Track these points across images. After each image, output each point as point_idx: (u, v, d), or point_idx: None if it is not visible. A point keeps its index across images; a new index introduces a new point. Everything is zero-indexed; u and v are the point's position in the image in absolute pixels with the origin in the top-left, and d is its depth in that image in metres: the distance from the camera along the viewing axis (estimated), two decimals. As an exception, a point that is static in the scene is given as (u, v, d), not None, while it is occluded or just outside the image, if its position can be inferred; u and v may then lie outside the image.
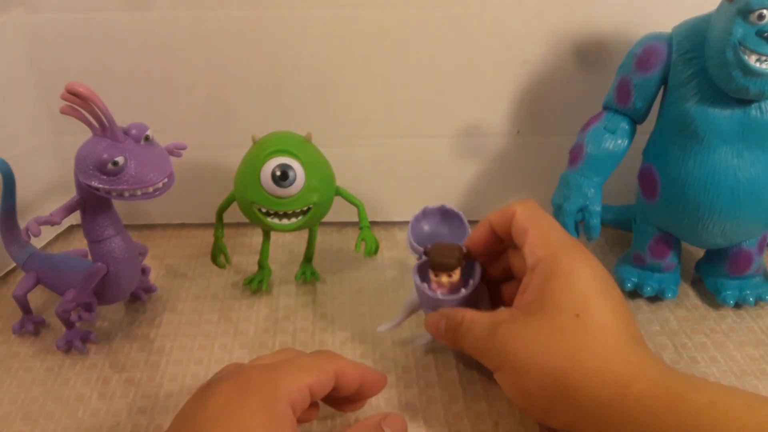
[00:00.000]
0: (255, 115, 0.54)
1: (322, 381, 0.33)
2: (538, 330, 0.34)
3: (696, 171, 0.44)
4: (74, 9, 0.49)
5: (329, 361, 0.34)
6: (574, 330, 0.33)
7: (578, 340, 0.33)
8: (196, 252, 0.56)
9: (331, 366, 0.34)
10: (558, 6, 0.51)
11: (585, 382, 0.32)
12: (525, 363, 0.34)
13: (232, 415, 0.29)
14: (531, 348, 0.34)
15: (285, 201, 0.44)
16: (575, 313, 0.34)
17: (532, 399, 0.34)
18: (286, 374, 0.32)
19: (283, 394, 0.31)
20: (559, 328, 0.34)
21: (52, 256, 0.47)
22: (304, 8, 0.50)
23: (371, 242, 0.49)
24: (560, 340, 0.33)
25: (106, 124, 0.37)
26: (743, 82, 0.40)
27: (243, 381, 0.31)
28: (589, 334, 0.33)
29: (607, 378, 0.32)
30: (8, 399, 0.41)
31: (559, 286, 0.35)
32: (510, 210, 0.39)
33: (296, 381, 0.32)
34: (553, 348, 0.33)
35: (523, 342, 0.34)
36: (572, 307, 0.34)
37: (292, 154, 0.44)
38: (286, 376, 0.32)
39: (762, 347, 0.46)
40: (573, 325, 0.33)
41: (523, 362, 0.34)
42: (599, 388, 0.32)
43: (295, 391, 0.31)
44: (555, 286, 0.35)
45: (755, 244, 0.48)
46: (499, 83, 0.54)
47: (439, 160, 0.57)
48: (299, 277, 0.51)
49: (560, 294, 0.34)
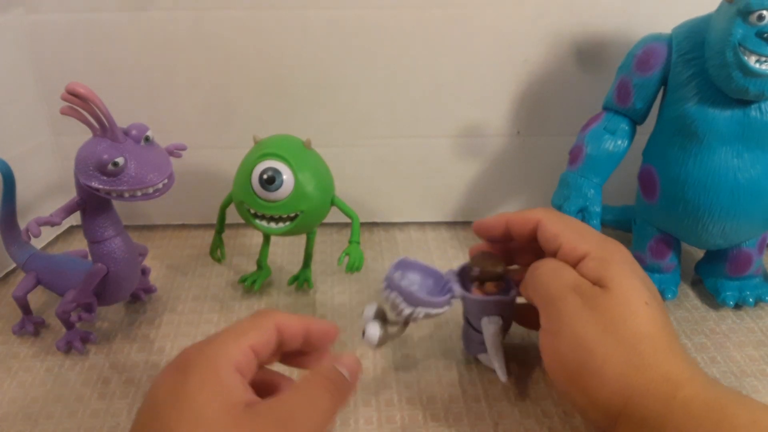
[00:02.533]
0: (255, 115, 0.54)
1: (264, 339, 0.32)
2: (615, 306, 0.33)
3: (696, 171, 0.44)
4: (74, 9, 0.49)
5: (266, 318, 0.33)
6: (644, 318, 0.33)
7: (647, 331, 0.33)
8: (196, 252, 0.56)
9: (269, 322, 0.33)
10: (558, 6, 0.51)
11: (643, 374, 0.32)
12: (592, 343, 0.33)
13: (179, 395, 0.29)
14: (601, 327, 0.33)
15: (271, 205, 0.44)
16: (645, 301, 0.33)
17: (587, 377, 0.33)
18: (225, 342, 0.31)
19: (225, 362, 0.30)
20: (633, 312, 0.33)
21: (53, 256, 0.47)
22: (304, 8, 0.50)
23: (356, 258, 0.47)
24: (633, 325, 0.33)
25: (106, 124, 0.37)
26: (743, 82, 0.40)
27: (182, 361, 0.30)
28: (658, 327, 0.33)
29: (664, 375, 0.31)
30: (8, 399, 0.41)
31: (620, 272, 0.34)
32: (533, 217, 0.39)
33: (237, 345, 0.31)
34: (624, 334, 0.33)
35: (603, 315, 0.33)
36: (640, 293, 0.34)
37: (283, 159, 0.43)
38: (226, 344, 0.31)
39: (762, 348, 0.46)
40: (645, 313, 0.33)
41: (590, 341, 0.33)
42: (654, 385, 0.31)
43: (238, 355, 0.30)
44: (615, 271, 0.34)
45: (755, 244, 0.48)
46: (499, 83, 0.54)
47: (439, 160, 0.57)
48: (291, 282, 0.51)
49: (624, 279, 0.34)
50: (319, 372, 0.32)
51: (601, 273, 0.34)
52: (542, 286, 0.36)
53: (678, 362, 0.32)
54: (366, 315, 0.40)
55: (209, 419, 0.28)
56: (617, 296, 0.33)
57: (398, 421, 0.39)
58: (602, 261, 0.35)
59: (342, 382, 0.32)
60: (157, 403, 0.29)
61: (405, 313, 0.38)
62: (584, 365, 0.33)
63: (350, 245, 0.48)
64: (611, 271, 0.34)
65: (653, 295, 0.35)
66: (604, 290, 0.34)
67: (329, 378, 0.32)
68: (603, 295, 0.34)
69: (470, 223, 0.60)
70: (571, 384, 0.34)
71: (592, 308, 0.33)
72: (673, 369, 0.32)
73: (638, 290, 0.34)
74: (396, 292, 0.38)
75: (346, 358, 0.33)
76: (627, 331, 0.33)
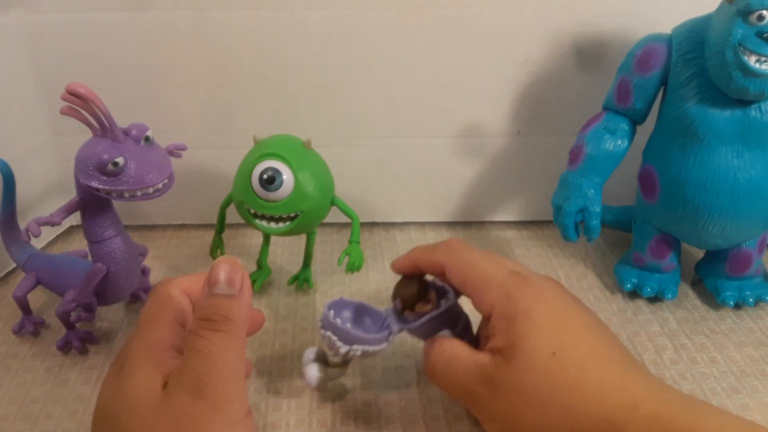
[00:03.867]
0: (255, 115, 0.54)
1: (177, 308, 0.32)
2: (524, 379, 0.31)
3: (696, 172, 0.44)
4: (74, 9, 0.49)
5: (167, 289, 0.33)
6: (556, 372, 0.31)
7: (563, 383, 0.30)
8: (196, 252, 0.56)
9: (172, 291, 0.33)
10: (558, 6, 0.51)
11: (583, 427, 0.30)
12: (519, 420, 0.31)
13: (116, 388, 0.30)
14: (522, 401, 0.31)
15: (271, 205, 0.44)
16: (551, 352, 0.31)
17: None
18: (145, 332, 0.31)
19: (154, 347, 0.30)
20: (542, 373, 0.31)
21: (53, 256, 0.47)
22: (304, 8, 0.50)
23: (356, 258, 0.47)
24: (548, 387, 0.30)
25: (106, 124, 0.37)
26: (743, 82, 0.40)
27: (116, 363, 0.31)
28: (573, 373, 0.31)
29: (603, 419, 0.29)
30: (8, 399, 0.41)
31: (525, 327, 0.32)
32: (438, 261, 0.37)
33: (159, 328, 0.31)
34: (543, 397, 0.30)
35: (513, 393, 0.31)
36: (546, 345, 0.31)
37: (283, 159, 0.43)
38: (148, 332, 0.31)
39: (762, 348, 0.46)
40: (554, 365, 0.31)
41: (518, 419, 0.31)
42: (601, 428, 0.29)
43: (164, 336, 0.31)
44: (520, 329, 0.32)
45: (755, 244, 0.48)
46: (499, 83, 0.54)
47: (439, 160, 0.57)
48: (291, 282, 0.51)
49: (528, 336, 0.32)
50: (197, 317, 0.30)
51: (509, 338, 0.32)
52: (446, 381, 0.35)
53: (618, 396, 0.30)
54: (305, 358, 0.39)
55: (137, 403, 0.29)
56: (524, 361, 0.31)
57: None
58: (508, 321, 0.32)
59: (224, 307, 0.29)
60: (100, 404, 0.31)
61: (341, 351, 0.36)
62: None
63: (350, 245, 0.48)
64: (516, 332, 0.32)
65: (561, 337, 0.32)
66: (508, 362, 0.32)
67: (207, 316, 0.29)
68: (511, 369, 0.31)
69: (470, 223, 0.61)
70: None
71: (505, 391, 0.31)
72: (612, 408, 0.29)
73: (543, 344, 0.31)
74: (330, 331, 0.36)
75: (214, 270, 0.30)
76: (546, 394, 0.30)
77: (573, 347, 0.32)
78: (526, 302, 0.33)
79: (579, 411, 0.30)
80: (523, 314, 0.32)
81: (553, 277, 0.36)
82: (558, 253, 0.57)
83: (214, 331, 0.29)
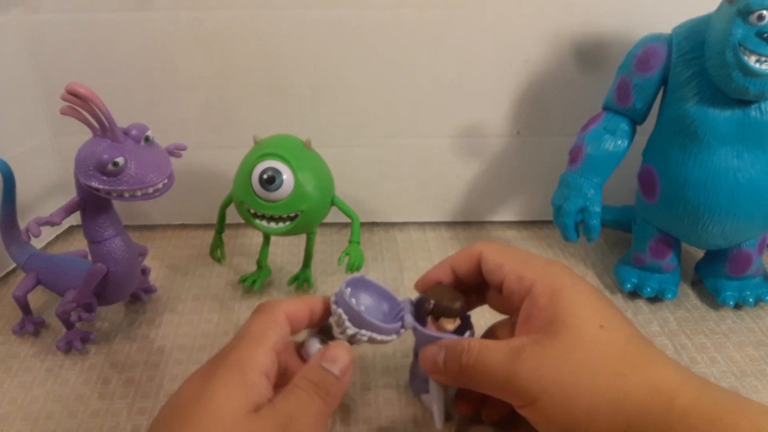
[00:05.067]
0: (255, 115, 0.54)
1: (280, 335, 0.33)
2: (571, 349, 0.31)
3: (696, 172, 0.44)
4: (74, 9, 0.49)
5: (276, 313, 0.34)
6: (605, 342, 0.31)
7: (615, 352, 0.31)
8: (196, 252, 0.56)
9: (279, 316, 0.34)
10: (558, 6, 0.51)
11: (634, 395, 0.30)
12: (568, 389, 0.30)
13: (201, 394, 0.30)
14: (570, 371, 0.31)
15: (271, 205, 0.44)
16: (599, 324, 0.32)
17: (580, 427, 0.31)
18: (248, 348, 0.32)
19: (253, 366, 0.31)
20: (591, 343, 0.31)
21: (53, 256, 0.47)
22: (304, 8, 0.50)
23: (356, 257, 0.47)
24: (598, 356, 0.31)
25: (106, 124, 0.37)
26: (743, 82, 0.40)
27: (208, 368, 0.32)
28: (621, 344, 0.31)
29: (654, 389, 0.30)
30: (8, 399, 0.41)
31: (571, 301, 0.33)
32: (475, 250, 0.37)
33: (261, 350, 0.32)
34: (594, 366, 0.31)
35: (560, 365, 0.31)
36: (593, 318, 0.32)
37: (283, 159, 0.43)
38: (249, 350, 0.32)
39: (762, 348, 0.46)
40: (603, 337, 0.31)
41: (567, 389, 0.30)
42: (648, 402, 0.30)
43: (264, 360, 0.32)
44: (566, 301, 0.32)
45: (755, 244, 0.48)
46: (499, 83, 0.54)
47: (439, 160, 0.57)
48: (291, 282, 0.51)
49: (576, 308, 0.32)
50: (306, 376, 0.32)
51: (552, 312, 0.32)
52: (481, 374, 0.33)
53: (663, 370, 0.31)
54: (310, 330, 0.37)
55: (224, 414, 0.29)
56: (572, 333, 0.31)
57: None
58: (551, 295, 0.33)
59: (330, 382, 0.32)
60: (180, 402, 0.30)
61: (348, 332, 0.35)
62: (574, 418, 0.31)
63: (350, 245, 0.48)
64: (561, 305, 0.32)
65: (606, 312, 0.33)
66: (552, 337, 0.32)
67: (316, 381, 0.32)
68: (555, 342, 0.31)
69: (470, 223, 0.61)
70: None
71: (550, 364, 0.31)
72: (661, 378, 0.30)
73: (591, 317, 0.32)
74: (342, 309, 0.35)
75: (333, 351, 0.33)
76: (597, 363, 0.31)
77: (618, 323, 0.33)
78: (569, 279, 0.34)
79: (630, 379, 0.30)
80: (569, 288, 0.33)
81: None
82: (558, 253, 0.57)
83: (316, 395, 0.32)
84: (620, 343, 0.32)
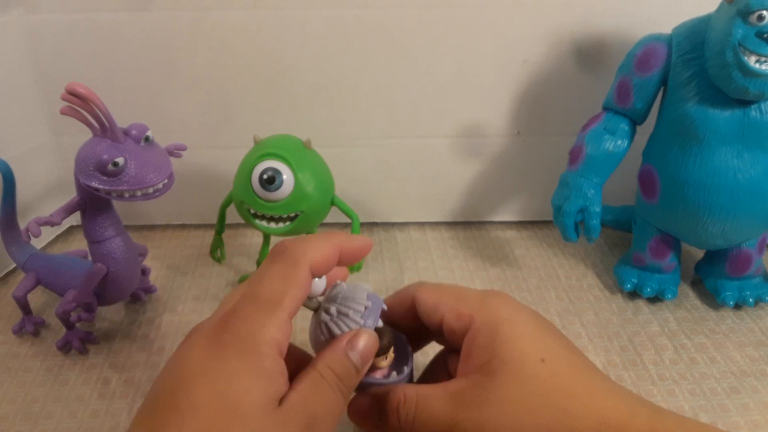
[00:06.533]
0: (255, 115, 0.54)
1: (300, 297, 0.29)
2: (511, 388, 0.29)
3: (696, 172, 0.44)
4: (74, 9, 0.49)
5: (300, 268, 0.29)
6: (547, 377, 0.29)
7: (558, 386, 0.29)
8: (196, 252, 0.56)
9: (303, 272, 0.29)
10: (558, 6, 0.51)
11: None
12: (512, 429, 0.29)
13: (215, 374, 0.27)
14: (511, 410, 0.29)
15: (271, 205, 0.44)
16: (540, 358, 0.30)
17: None
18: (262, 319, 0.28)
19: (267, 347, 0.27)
20: (533, 378, 0.29)
21: (53, 256, 0.47)
22: (304, 8, 0.50)
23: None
24: (540, 392, 0.29)
25: (106, 124, 0.37)
26: (743, 82, 0.40)
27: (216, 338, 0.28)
28: (566, 377, 0.30)
29: (602, 423, 0.28)
30: (8, 399, 0.41)
31: (510, 335, 0.30)
32: (407, 294, 0.35)
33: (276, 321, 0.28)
34: (536, 404, 0.29)
35: (501, 407, 0.29)
36: (534, 351, 0.30)
37: (283, 159, 0.43)
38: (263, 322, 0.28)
39: (762, 348, 0.46)
40: (544, 371, 0.29)
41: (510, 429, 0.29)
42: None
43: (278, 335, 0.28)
44: (505, 335, 0.30)
45: (755, 244, 0.48)
46: (499, 83, 0.54)
47: (439, 161, 0.57)
48: None
49: (516, 341, 0.30)
50: (332, 366, 0.30)
51: (491, 349, 0.30)
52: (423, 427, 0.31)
53: (611, 401, 0.29)
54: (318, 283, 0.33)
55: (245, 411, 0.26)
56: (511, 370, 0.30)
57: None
58: (490, 330, 0.31)
59: (351, 376, 0.30)
60: (185, 380, 0.27)
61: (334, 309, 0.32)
62: None
63: None
64: (500, 340, 0.30)
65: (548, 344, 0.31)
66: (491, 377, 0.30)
67: (339, 374, 0.30)
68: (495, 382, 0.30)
69: (470, 223, 0.61)
70: None
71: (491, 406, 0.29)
72: (609, 411, 0.29)
73: (531, 350, 0.30)
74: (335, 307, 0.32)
75: (361, 340, 0.30)
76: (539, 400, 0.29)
77: (561, 354, 0.31)
78: (507, 311, 0.32)
79: (576, 414, 0.29)
80: (507, 322, 0.31)
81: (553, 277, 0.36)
82: (558, 253, 0.57)
83: (339, 391, 0.29)
84: (565, 377, 0.30)
